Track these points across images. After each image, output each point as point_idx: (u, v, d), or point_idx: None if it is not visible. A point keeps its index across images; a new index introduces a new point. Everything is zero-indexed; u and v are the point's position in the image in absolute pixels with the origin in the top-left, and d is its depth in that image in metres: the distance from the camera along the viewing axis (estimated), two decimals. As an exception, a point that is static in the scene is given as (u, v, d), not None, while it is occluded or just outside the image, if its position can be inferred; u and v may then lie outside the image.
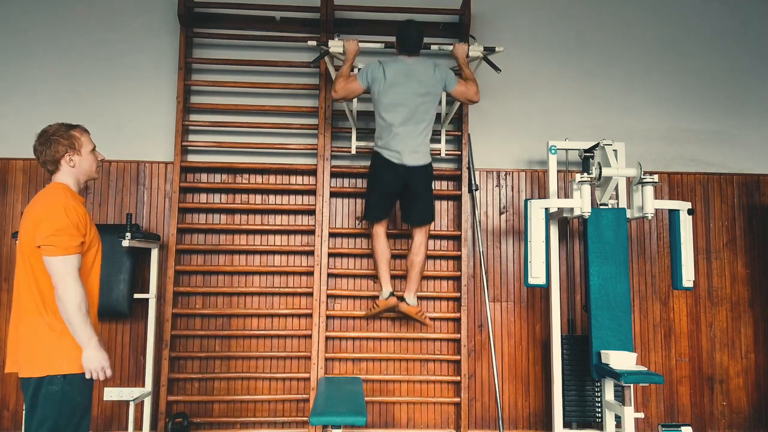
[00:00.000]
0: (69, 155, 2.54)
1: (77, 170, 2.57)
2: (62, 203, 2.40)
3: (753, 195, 4.75)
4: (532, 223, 3.85)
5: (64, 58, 4.56)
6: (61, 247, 2.34)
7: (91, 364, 2.39)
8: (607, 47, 4.81)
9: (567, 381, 4.23)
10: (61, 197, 2.43)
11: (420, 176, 3.92)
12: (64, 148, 2.53)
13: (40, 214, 2.39)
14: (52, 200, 2.43)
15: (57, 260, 2.34)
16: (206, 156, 4.54)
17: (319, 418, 3.04)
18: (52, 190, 2.49)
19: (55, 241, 2.34)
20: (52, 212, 2.38)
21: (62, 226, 2.36)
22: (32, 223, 2.40)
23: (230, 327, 4.39)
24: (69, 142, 2.55)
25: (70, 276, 2.34)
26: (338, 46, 3.95)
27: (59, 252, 2.34)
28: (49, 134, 2.53)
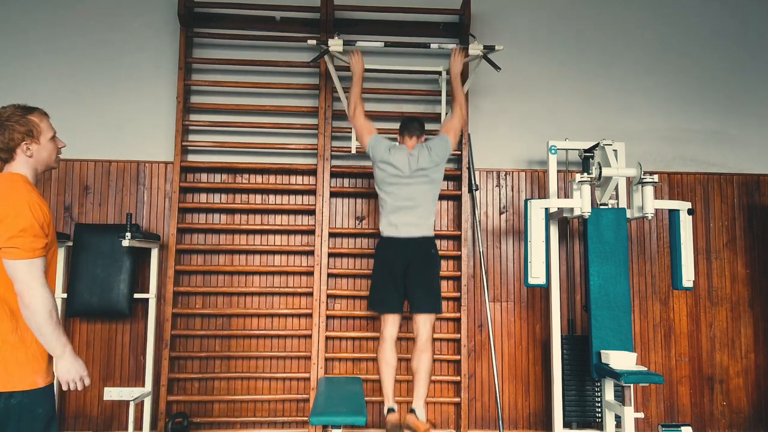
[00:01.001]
0: (26, 143, 2.20)
1: (34, 160, 2.23)
2: (26, 199, 2.09)
3: (753, 195, 4.75)
4: (532, 223, 3.85)
5: (64, 58, 4.56)
6: (24, 249, 2.05)
7: (69, 374, 2.17)
8: (607, 47, 4.81)
9: (567, 381, 4.23)
10: (23, 192, 2.11)
11: (419, 251, 3.63)
12: (21, 135, 2.19)
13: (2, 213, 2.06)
14: (14, 195, 2.10)
15: (20, 264, 2.04)
16: (206, 156, 4.54)
17: (319, 418, 3.04)
18: (10, 182, 2.14)
19: (18, 243, 2.04)
20: (15, 209, 2.06)
21: (26, 226, 2.06)
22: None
23: (230, 327, 4.39)
24: (26, 128, 2.20)
25: (36, 281, 2.06)
26: (338, 46, 3.95)
27: (23, 255, 2.05)
28: (3, 119, 2.18)
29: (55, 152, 2.33)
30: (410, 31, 4.61)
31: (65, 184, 4.44)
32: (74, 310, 4.12)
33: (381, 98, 4.62)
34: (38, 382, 2.14)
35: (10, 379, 2.08)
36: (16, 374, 2.10)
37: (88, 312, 4.14)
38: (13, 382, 2.09)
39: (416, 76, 4.63)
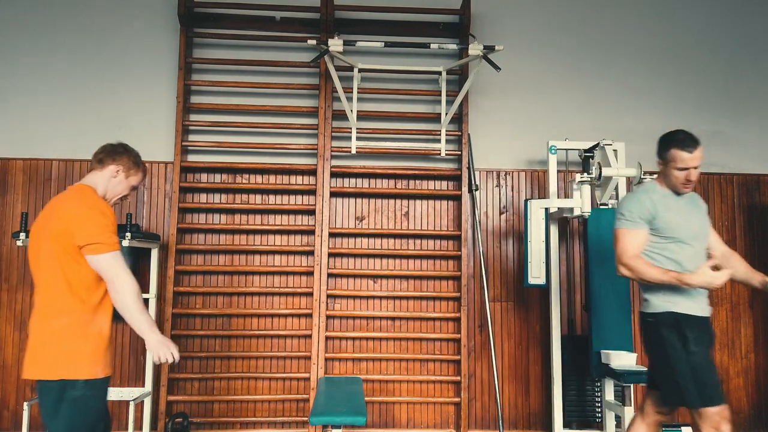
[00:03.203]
0: (119, 169, 2.54)
1: (111, 184, 2.55)
2: (96, 203, 2.41)
3: (753, 195, 4.75)
4: (532, 223, 3.85)
5: (64, 58, 4.56)
6: (108, 243, 2.33)
7: (160, 349, 2.39)
8: (607, 47, 4.81)
9: (567, 381, 4.23)
10: (94, 197, 2.44)
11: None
12: (122, 161, 2.55)
13: (77, 216, 2.34)
14: (87, 200, 2.41)
15: (106, 257, 2.32)
16: (206, 156, 4.54)
17: (319, 418, 3.04)
18: (81, 191, 2.46)
19: (101, 239, 2.32)
20: (92, 210, 2.36)
21: (104, 224, 2.35)
22: (66, 224, 2.33)
23: (230, 327, 4.39)
24: (130, 163, 2.57)
25: (122, 269, 2.34)
26: (338, 46, 3.95)
27: (107, 249, 2.33)
28: (126, 148, 2.60)
29: (120, 195, 2.61)
30: (410, 31, 4.62)
31: (65, 184, 4.43)
32: (74, 310, 4.11)
33: (381, 98, 4.62)
34: (98, 373, 2.33)
35: (74, 368, 2.28)
36: (81, 364, 2.29)
37: (88, 312, 4.14)
38: (77, 371, 2.28)
39: (416, 76, 4.63)
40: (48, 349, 2.31)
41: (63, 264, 2.32)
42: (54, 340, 2.31)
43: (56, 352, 2.30)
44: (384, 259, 4.53)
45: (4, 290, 4.35)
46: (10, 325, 4.33)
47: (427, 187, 4.62)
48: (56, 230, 2.34)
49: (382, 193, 4.56)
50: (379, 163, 4.60)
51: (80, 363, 2.29)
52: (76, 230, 2.31)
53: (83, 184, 2.51)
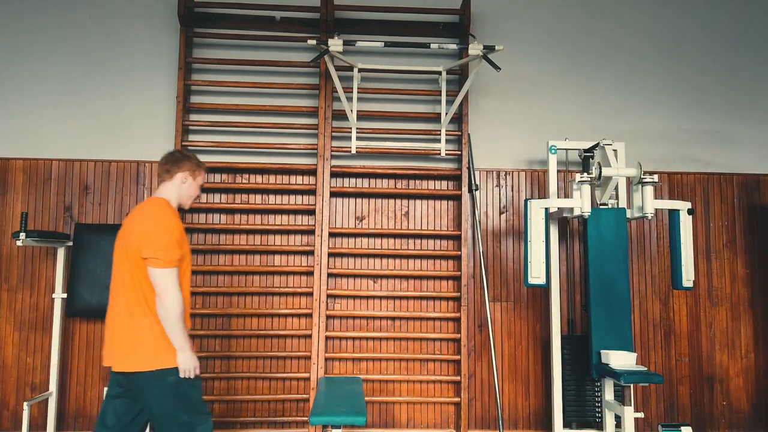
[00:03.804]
0: (186, 174, 2.82)
1: (182, 190, 2.83)
2: (168, 221, 2.66)
3: (753, 195, 4.75)
4: (532, 223, 3.85)
5: (64, 58, 4.56)
6: (165, 260, 2.58)
7: (187, 364, 2.63)
8: (607, 47, 4.81)
9: (567, 381, 4.23)
10: (167, 214, 2.69)
11: None
12: (187, 167, 2.83)
13: (148, 229, 2.62)
14: (160, 217, 2.66)
15: (161, 272, 2.57)
16: (206, 156, 4.54)
17: (319, 418, 3.04)
18: (157, 206, 2.72)
19: (160, 255, 2.57)
20: (159, 228, 2.62)
21: (167, 241, 2.60)
22: (139, 234, 2.61)
23: (230, 327, 4.39)
24: (193, 166, 2.85)
25: (172, 285, 2.58)
26: (338, 46, 3.95)
27: (163, 265, 2.57)
28: (187, 153, 2.92)
29: (193, 197, 2.91)
30: (410, 31, 4.61)
31: (65, 184, 4.44)
32: (74, 310, 4.11)
33: (381, 98, 4.62)
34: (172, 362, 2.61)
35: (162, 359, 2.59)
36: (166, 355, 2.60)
37: (88, 312, 4.14)
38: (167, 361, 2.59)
39: (416, 76, 4.63)
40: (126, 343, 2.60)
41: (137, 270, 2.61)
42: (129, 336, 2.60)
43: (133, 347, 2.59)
44: (384, 259, 4.53)
45: (4, 290, 4.35)
46: (10, 325, 4.33)
47: (427, 187, 4.62)
48: (132, 241, 2.62)
49: (382, 193, 4.56)
50: (379, 163, 4.60)
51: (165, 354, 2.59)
52: (144, 243, 2.59)
53: (158, 197, 2.79)
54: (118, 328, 2.64)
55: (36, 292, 4.35)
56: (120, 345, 2.63)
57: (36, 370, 4.32)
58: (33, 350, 4.33)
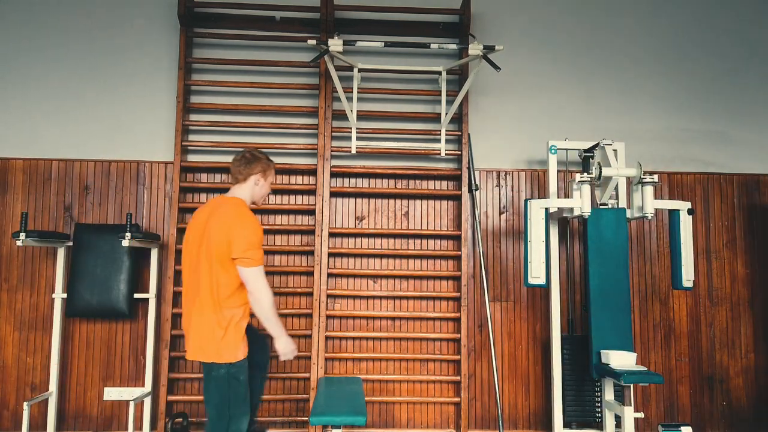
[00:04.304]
0: (259, 176, 3.03)
1: (256, 191, 3.04)
2: (252, 222, 2.87)
3: (753, 195, 4.75)
4: (532, 223, 3.85)
5: (64, 58, 4.56)
6: (255, 259, 2.81)
7: (286, 348, 2.95)
8: (607, 47, 4.81)
9: (567, 381, 4.23)
10: (250, 215, 2.90)
11: None
12: (259, 169, 3.02)
13: (235, 229, 2.82)
14: (245, 219, 2.87)
15: (252, 271, 2.81)
16: (206, 156, 4.54)
17: (319, 418, 3.04)
18: (239, 207, 2.92)
19: (250, 255, 2.79)
20: (246, 229, 2.83)
21: (254, 242, 2.83)
22: (226, 236, 2.81)
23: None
24: (265, 167, 3.05)
25: (262, 282, 2.83)
26: (338, 46, 3.95)
27: (254, 264, 2.81)
28: (255, 153, 3.07)
29: (265, 195, 3.13)
30: (410, 31, 4.62)
31: (65, 184, 4.44)
32: (74, 310, 4.12)
33: (381, 98, 4.62)
34: (239, 356, 2.86)
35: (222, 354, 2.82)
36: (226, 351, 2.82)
37: (88, 312, 4.14)
38: (225, 356, 2.82)
39: (416, 76, 4.63)
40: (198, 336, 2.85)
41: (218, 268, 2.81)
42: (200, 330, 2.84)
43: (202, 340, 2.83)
44: (384, 259, 4.53)
45: (4, 290, 4.35)
46: (10, 325, 4.33)
47: (427, 187, 4.62)
48: (217, 241, 2.82)
49: (382, 193, 4.56)
50: (379, 163, 4.60)
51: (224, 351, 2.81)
52: (234, 244, 2.79)
53: (234, 197, 2.97)
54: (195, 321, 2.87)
55: (36, 292, 4.35)
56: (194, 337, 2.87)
57: (36, 370, 4.32)
58: (33, 350, 4.33)
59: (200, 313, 2.86)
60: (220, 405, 2.86)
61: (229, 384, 2.85)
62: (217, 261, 2.81)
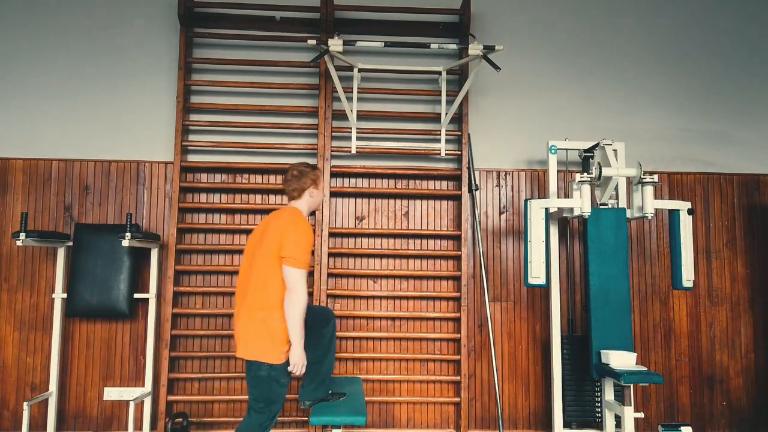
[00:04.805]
0: (311, 189, 3.13)
1: (311, 202, 3.16)
2: (306, 229, 2.98)
3: (753, 195, 4.75)
4: (532, 223, 3.85)
5: (64, 58, 4.56)
6: (301, 261, 2.90)
7: (298, 359, 2.95)
8: (607, 47, 4.81)
9: (567, 381, 4.23)
10: (305, 223, 3.01)
11: None
12: (310, 182, 3.13)
13: (289, 231, 2.94)
14: (299, 225, 2.98)
15: (296, 271, 2.88)
16: (206, 156, 4.54)
17: (319, 418, 3.04)
18: (296, 215, 3.05)
19: (297, 256, 2.89)
20: (300, 233, 2.94)
21: (303, 246, 2.93)
22: (280, 236, 2.93)
23: (230, 327, 4.38)
24: (314, 178, 3.14)
25: (302, 285, 2.89)
26: (338, 46, 3.95)
27: (298, 265, 2.89)
28: (302, 169, 3.15)
29: (321, 202, 3.32)
30: (410, 31, 4.61)
31: (65, 184, 4.44)
32: (74, 310, 4.12)
33: (381, 98, 4.62)
34: (281, 359, 2.94)
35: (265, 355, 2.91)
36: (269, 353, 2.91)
37: (88, 312, 4.14)
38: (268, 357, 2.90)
39: (416, 76, 4.63)
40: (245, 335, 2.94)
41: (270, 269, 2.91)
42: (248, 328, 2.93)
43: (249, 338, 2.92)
44: (384, 259, 4.53)
45: (4, 290, 4.35)
46: (10, 325, 4.33)
47: (427, 187, 4.62)
48: (270, 240, 2.94)
49: (382, 193, 4.56)
50: (379, 163, 4.60)
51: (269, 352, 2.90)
52: (284, 243, 2.90)
53: (293, 207, 3.12)
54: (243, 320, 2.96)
55: (36, 292, 4.35)
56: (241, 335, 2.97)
57: (36, 370, 4.32)
58: (33, 350, 4.33)
59: (248, 313, 2.95)
60: (260, 400, 2.96)
61: (269, 385, 2.94)
62: (269, 262, 2.92)
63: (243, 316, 2.98)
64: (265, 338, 2.91)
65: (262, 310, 2.93)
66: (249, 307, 2.96)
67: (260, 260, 2.96)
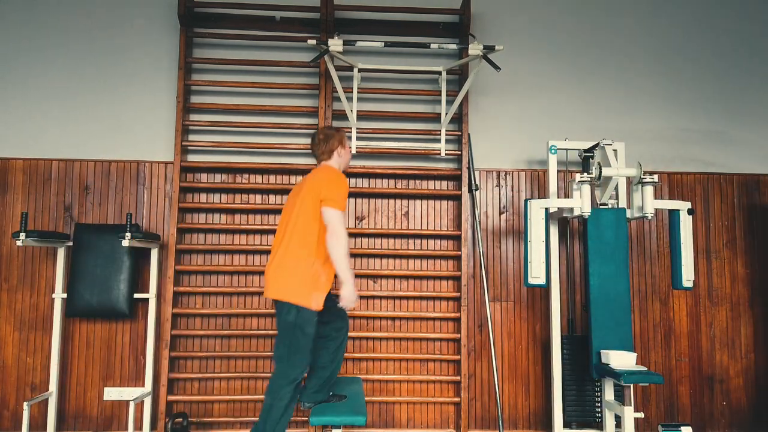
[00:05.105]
0: (338, 149, 3.31)
1: (340, 161, 3.34)
2: (343, 179, 3.20)
3: (753, 195, 4.75)
4: (532, 223, 3.85)
5: (64, 58, 4.56)
6: (339, 203, 3.09)
7: (350, 295, 3.07)
8: (607, 47, 4.81)
9: (567, 381, 4.23)
10: (341, 175, 3.23)
11: None
12: (335, 143, 3.30)
13: (326, 179, 3.15)
14: (337, 173, 3.22)
15: (335, 212, 3.07)
16: (206, 156, 4.54)
17: (319, 418, 3.04)
18: (331, 168, 3.27)
19: (336, 198, 3.08)
20: (336, 179, 3.16)
21: (341, 190, 3.13)
22: (319, 183, 3.12)
23: (230, 327, 4.39)
24: (340, 139, 3.32)
25: (341, 225, 3.07)
26: (338, 46, 3.95)
27: (337, 206, 3.08)
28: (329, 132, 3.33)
29: (349, 160, 3.44)
30: (410, 31, 4.61)
31: (65, 184, 4.44)
32: (74, 310, 4.12)
33: (381, 98, 4.62)
34: (311, 304, 3.04)
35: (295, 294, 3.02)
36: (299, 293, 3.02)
37: (88, 312, 4.14)
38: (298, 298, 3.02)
39: (416, 76, 4.63)
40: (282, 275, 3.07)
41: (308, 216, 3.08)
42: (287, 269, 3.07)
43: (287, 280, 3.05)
44: (384, 259, 4.53)
45: (4, 290, 4.35)
46: (10, 325, 4.33)
47: (427, 187, 4.62)
48: (309, 188, 3.13)
49: (382, 193, 4.56)
50: (379, 163, 4.60)
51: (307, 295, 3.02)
52: (323, 188, 3.09)
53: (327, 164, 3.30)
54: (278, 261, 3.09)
55: (36, 292, 4.35)
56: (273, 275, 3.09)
57: (36, 370, 4.32)
58: (33, 350, 4.33)
59: (283, 255, 3.08)
60: (283, 347, 3.07)
61: (293, 332, 3.03)
62: (306, 208, 3.08)
63: (277, 260, 3.10)
64: (296, 278, 3.03)
65: (298, 253, 3.06)
66: (284, 250, 3.09)
67: (298, 208, 3.11)
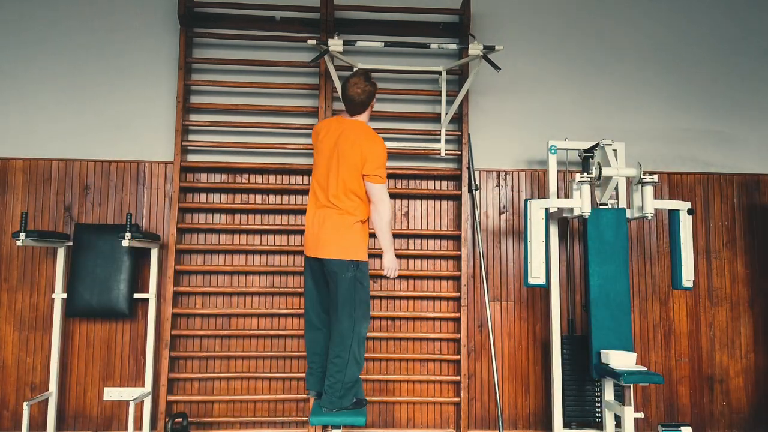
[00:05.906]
0: (373, 102, 3.31)
1: (369, 112, 3.33)
2: (382, 143, 3.19)
3: (753, 195, 4.75)
4: (532, 223, 3.85)
5: (64, 58, 4.56)
6: (382, 177, 3.14)
7: (391, 264, 3.24)
8: (607, 47, 4.81)
9: (567, 381, 4.23)
10: (379, 137, 3.22)
11: None
12: (373, 98, 3.29)
13: (370, 149, 3.13)
14: (376, 139, 3.19)
15: (379, 187, 3.14)
16: (206, 156, 4.54)
17: (319, 418, 3.04)
18: (369, 130, 3.24)
19: (380, 173, 3.13)
20: (379, 150, 3.15)
21: (382, 163, 3.16)
22: (360, 151, 3.11)
23: (230, 327, 4.39)
24: (374, 91, 3.28)
25: (387, 197, 3.17)
26: (338, 46, 3.95)
27: (381, 181, 3.14)
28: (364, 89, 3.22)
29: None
30: (410, 31, 4.61)
31: (65, 184, 4.44)
32: (74, 310, 4.12)
33: (381, 98, 4.60)
34: (364, 256, 3.16)
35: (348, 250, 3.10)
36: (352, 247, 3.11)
37: (88, 312, 4.14)
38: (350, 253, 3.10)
39: (416, 76, 4.64)
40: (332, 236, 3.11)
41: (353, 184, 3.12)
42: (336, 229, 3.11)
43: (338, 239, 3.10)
44: (384, 259, 4.52)
45: (4, 290, 4.35)
46: (10, 325, 4.33)
47: (427, 187, 4.62)
48: (349, 154, 3.12)
49: (382, 193, 4.55)
50: (379, 163, 4.59)
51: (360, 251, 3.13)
52: (368, 162, 3.10)
53: (360, 120, 3.26)
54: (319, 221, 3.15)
55: (36, 292, 4.35)
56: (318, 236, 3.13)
57: (36, 370, 4.32)
58: (33, 350, 4.33)
59: (333, 215, 3.12)
60: (347, 305, 3.09)
61: (355, 288, 3.09)
62: (352, 175, 3.11)
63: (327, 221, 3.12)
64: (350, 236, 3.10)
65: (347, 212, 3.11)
66: (332, 209, 3.13)
67: (344, 170, 3.12)
